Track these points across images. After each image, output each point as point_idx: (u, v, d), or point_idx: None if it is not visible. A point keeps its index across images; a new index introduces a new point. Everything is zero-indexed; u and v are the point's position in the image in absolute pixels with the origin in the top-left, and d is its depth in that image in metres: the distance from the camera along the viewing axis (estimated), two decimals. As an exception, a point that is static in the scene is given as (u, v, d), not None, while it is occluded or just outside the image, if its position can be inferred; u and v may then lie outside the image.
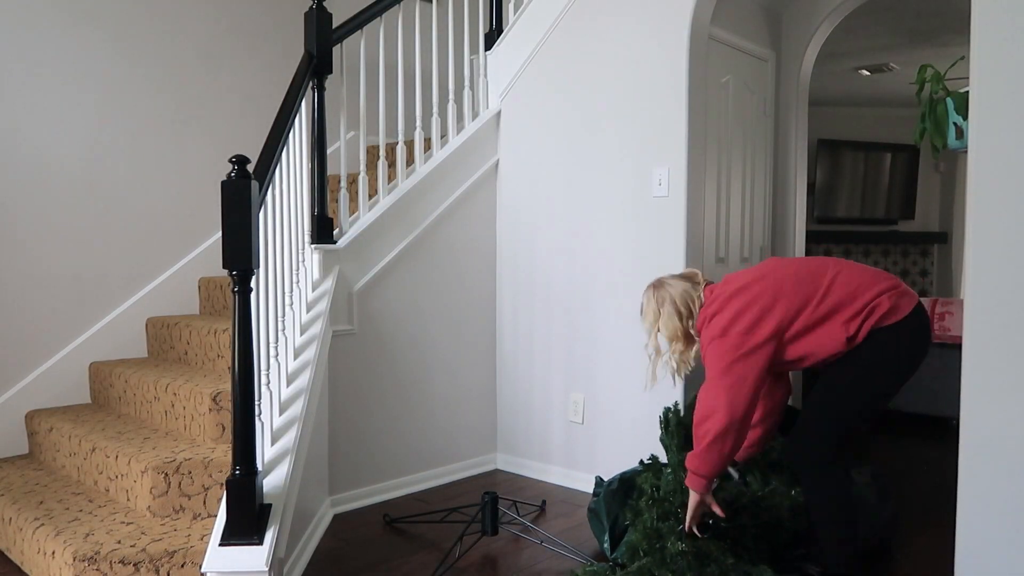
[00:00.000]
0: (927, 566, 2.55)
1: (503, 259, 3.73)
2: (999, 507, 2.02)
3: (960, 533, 2.11)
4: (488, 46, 3.81)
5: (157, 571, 2.15)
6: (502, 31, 3.78)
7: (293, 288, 2.81)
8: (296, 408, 2.55)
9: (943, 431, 4.32)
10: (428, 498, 3.28)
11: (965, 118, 2.46)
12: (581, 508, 2.65)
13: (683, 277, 2.36)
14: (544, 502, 3.18)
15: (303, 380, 2.66)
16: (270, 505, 2.19)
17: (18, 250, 3.24)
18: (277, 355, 2.55)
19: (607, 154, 3.31)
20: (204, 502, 2.42)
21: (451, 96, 3.61)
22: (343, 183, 3.20)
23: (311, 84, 3.00)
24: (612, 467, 3.07)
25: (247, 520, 2.08)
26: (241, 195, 2.05)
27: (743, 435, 2.12)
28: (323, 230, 3.05)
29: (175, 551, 2.17)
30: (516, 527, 2.85)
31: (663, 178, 3.11)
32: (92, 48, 3.43)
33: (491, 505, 2.64)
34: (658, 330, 2.32)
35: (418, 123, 3.51)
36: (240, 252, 2.05)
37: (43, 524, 2.37)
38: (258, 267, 2.16)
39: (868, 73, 5.86)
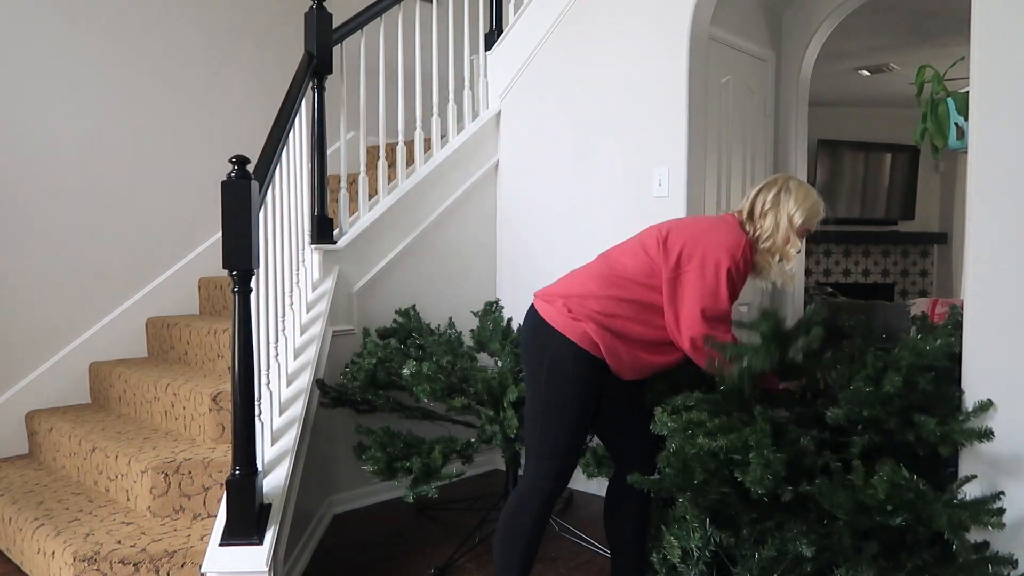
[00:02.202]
0: (927, 566, 2.54)
1: (503, 259, 3.72)
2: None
3: (960, 533, 2.11)
4: (488, 46, 3.81)
5: (157, 571, 2.15)
6: (502, 31, 3.77)
7: (293, 288, 2.81)
8: (296, 408, 2.55)
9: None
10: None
11: (967, 118, 2.45)
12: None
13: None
14: (572, 494, 3.20)
15: (303, 380, 2.66)
16: (270, 505, 2.20)
17: (18, 250, 3.23)
18: (277, 355, 2.55)
19: (607, 154, 3.31)
20: (204, 502, 2.42)
21: (451, 96, 3.61)
22: (343, 183, 3.20)
23: (311, 84, 3.00)
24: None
25: (247, 520, 2.08)
26: (241, 195, 2.05)
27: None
28: (323, 230, 3.05)
29: (175, 551, 2.17)
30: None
31: (663, 178, 3.11)
32: (92, 48, 3.43)
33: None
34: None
35: (418, 123, 3.51)
36: (240, 252, 2.06)
37: (43, 524, 2.37)
38: (258, 267, 2.16)
39: (868, 73, 5.85)
